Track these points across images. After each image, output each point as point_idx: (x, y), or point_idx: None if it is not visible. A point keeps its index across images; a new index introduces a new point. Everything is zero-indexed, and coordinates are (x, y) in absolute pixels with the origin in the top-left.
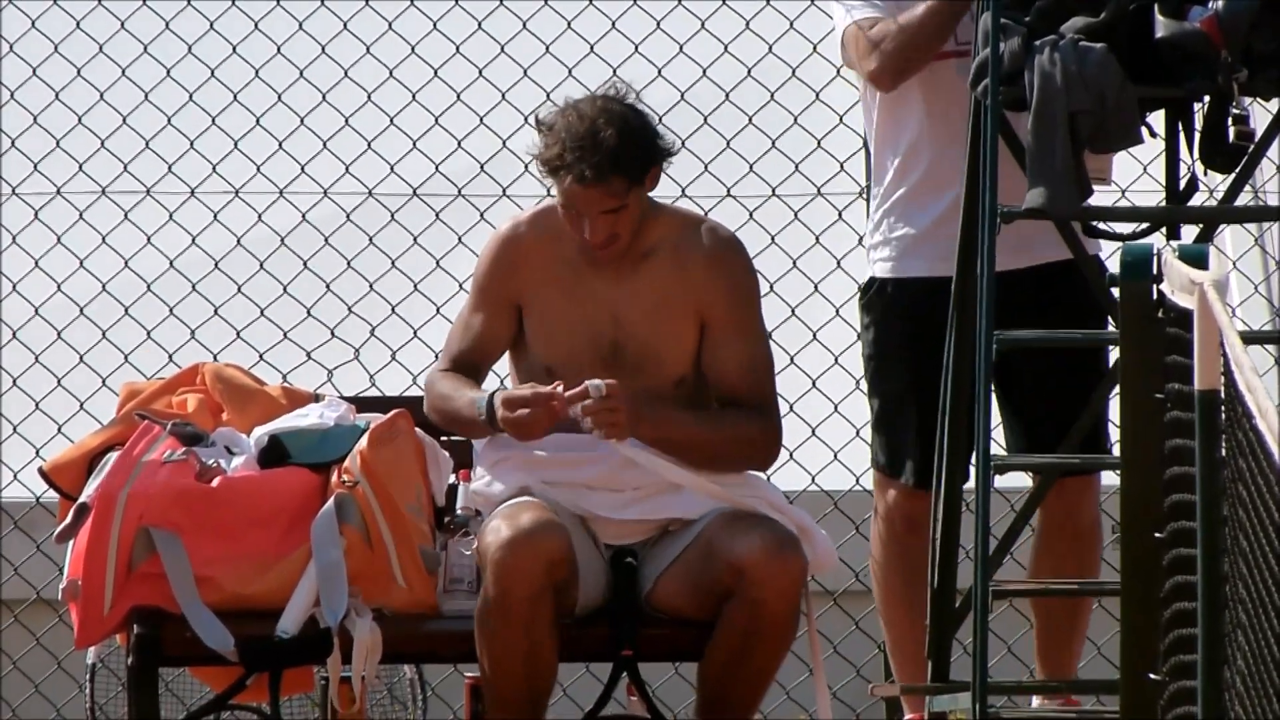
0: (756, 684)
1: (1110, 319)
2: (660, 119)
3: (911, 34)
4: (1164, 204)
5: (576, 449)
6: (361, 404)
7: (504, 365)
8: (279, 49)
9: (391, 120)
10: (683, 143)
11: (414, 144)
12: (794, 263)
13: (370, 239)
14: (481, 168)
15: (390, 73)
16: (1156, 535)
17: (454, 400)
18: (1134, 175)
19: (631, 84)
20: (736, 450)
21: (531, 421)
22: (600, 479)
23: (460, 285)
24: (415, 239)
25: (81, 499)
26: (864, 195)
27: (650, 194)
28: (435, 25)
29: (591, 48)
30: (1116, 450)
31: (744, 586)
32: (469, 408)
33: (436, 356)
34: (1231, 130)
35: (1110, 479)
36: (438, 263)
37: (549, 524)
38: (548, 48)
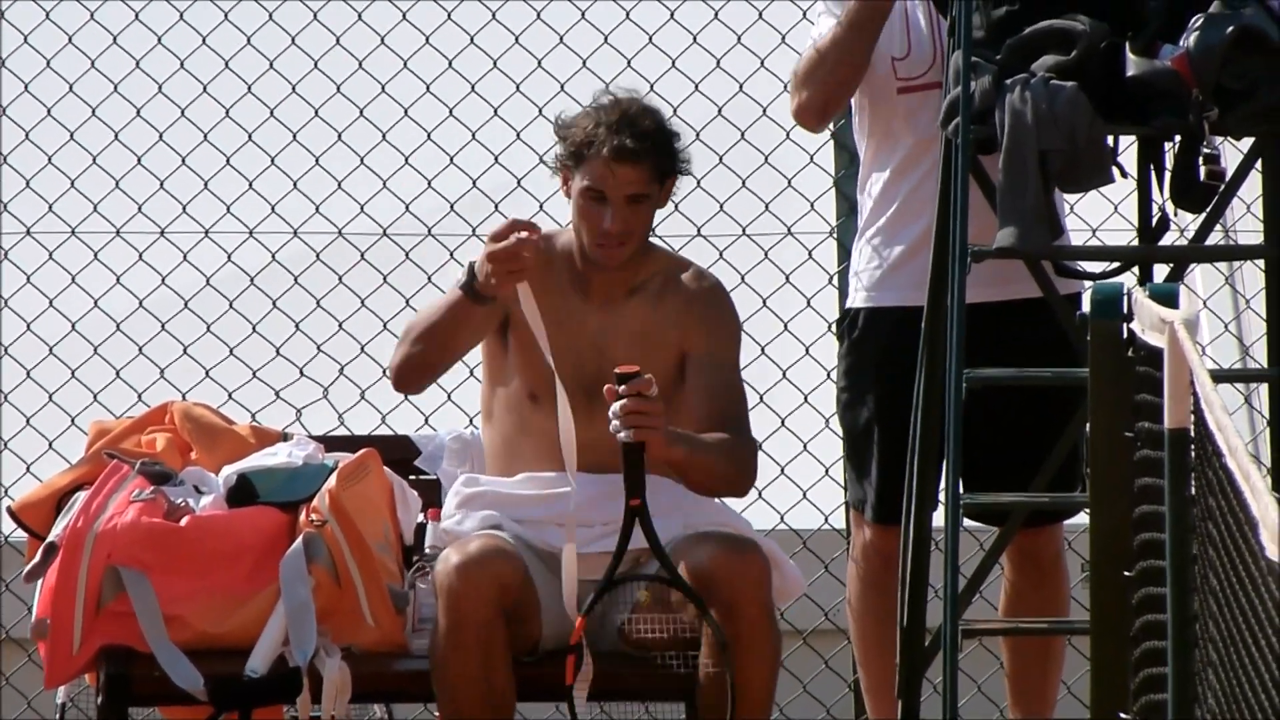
0: (755, 700)
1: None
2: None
3: (817, 65)
4: (1135, 243)
5: (546, 487)
6: (330, 443)
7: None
8: (249, 88)
9: (361, 160)
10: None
11: (384, 183)
12: (764, 302)
13: (340, 278)
14: (451, 207)
15: (360, 112)
16: (1126, 574)
17: (427, 309)
18: (1105, 214)
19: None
20: (723, 472)
21: (518, 248)
22: (570, 515)
23: None
24: (385, 278)
25: (50, 538)
26: (833, 234)
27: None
28: (405, 64)
29: (562, 86)
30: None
31: (713, 592)
32: (448, 294)
33: (405, 396)
34: (1202, 169)
35: (1080, 517)
36: (407, 302)
37: (500, 550)
38: (518, 87)
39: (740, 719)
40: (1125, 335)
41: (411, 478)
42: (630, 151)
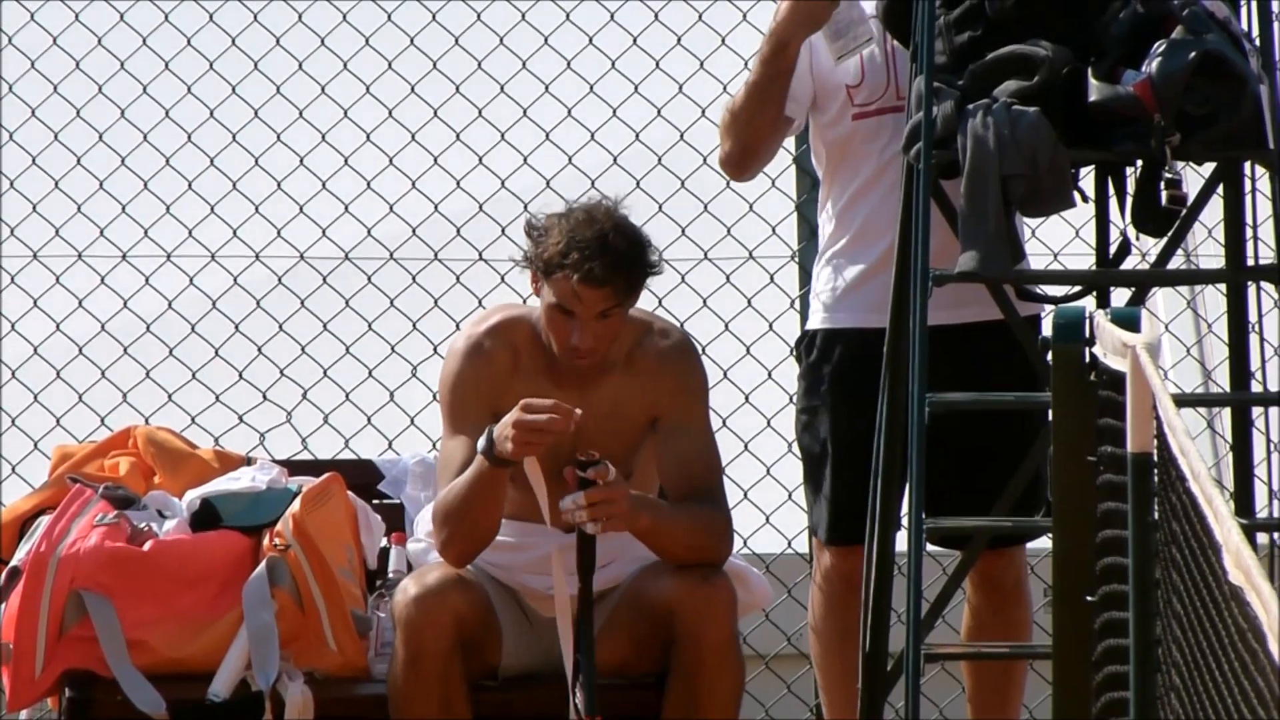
0: None
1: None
2: (593, 183)
3: (733, 120)
4: (1095, 267)
5: (516, 535)
6: (294, 467)
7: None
8: (211, 113)
9: (324, 184)
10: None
11: (345, 208)
12: (726, 326)
13: (302, 302)
14: (414, 231)
15: (323, 136)
16: (1089, 598)
17: (458, 482)
18: (1066, 239)
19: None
20: (698, 540)
21: (542, 427)
22: (539, 564)
23: (392, 348)
24: (347, 302)
25: (13, 563)
26: (795, 258)
27: None
28: (369, 89)
29: (524, 111)
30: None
31: (677, 623)
32: (474, 462)
33: (368, 420)
34: (1164, 194)
35: (1043, 541)
36: (370, 325)
37: (458, 581)
38: (480, 111)
39: None
40: (1087, 359)
41: (375, 502)
42: (601, 279)
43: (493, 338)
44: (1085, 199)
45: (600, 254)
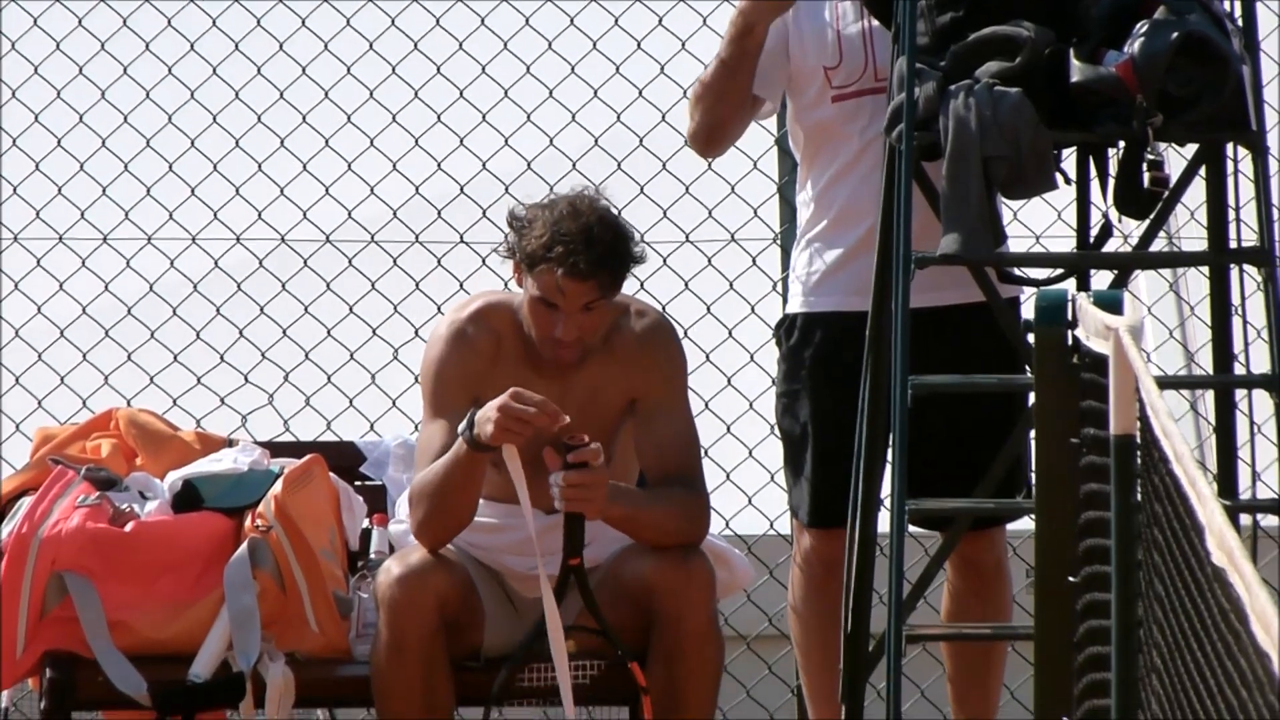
0: (698, 709)
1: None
2: (574, 165)
3: (702, 96)
4: (1076, 249)
5: (498, 517)
6: (275, 449)
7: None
8: (192, 94)
9: (304, 166)
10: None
11: (326, 190)
12: (708, 309)
13: (283, 285)
14: (394, 214)
15: (303, 118)
16: (1071, 579)
17: (436, 464)
18: (1048, 221)
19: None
20: (674, 525)
21: (527, 418)
22: (521, 545)
23: (374, 331)
24: (328, 285)
25: None
26: (777, 241)
27: None
28: (349, 70)
29: (505, 92)
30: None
31: (656, 603)
32: (454, 445)
33: (350, 402)
34: (1146, 175)
35: (1025, 523)
36: (350, 308)
37: (441, 561)
38: (461, 93)
39: None
40: (1070, 342)
41: (357, 484)
42: (586, 273)
43: (475, 324)
44: (1067, 181)
45: (585, 248)
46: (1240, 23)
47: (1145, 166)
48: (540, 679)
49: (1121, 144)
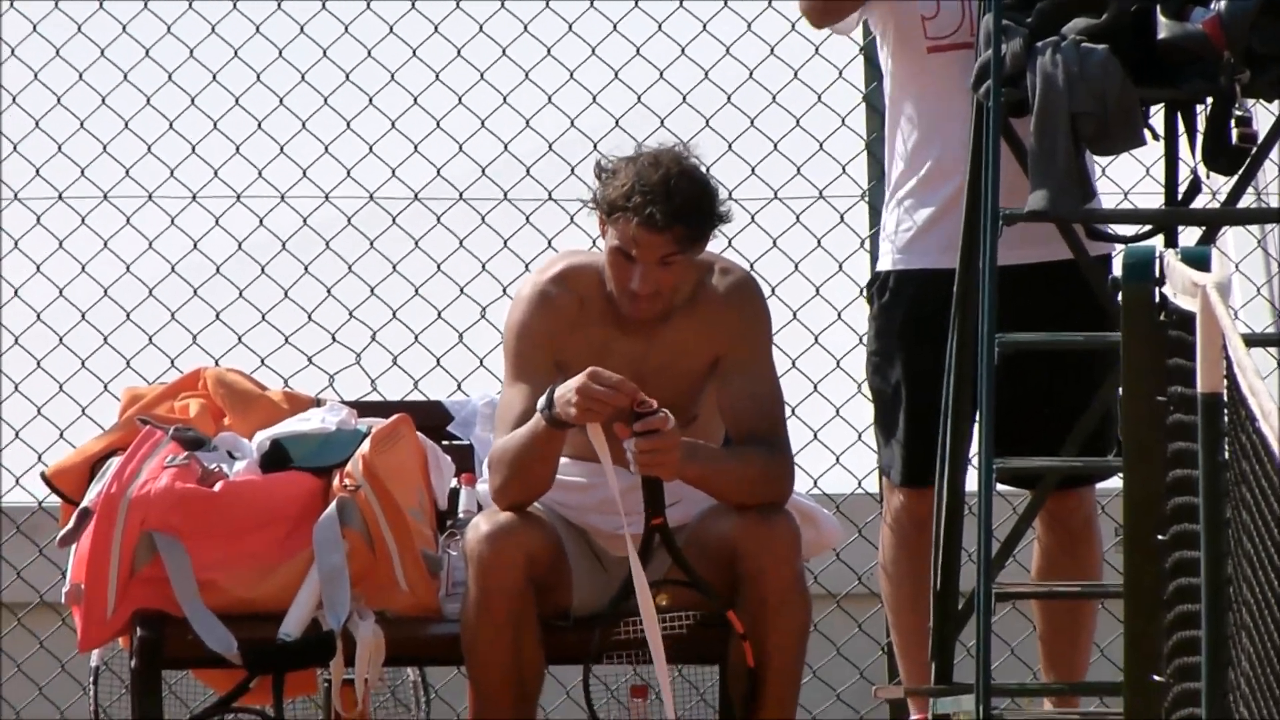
0: (784, 667)
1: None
2: (662, 121)
3: None
4: (1164, 206)
5: (585, 475)
6: (363, 408)
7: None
8: (280, 52)
9: (393, 124)
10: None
11: (415, 147)
12: (795, 266)
13: (371, 243)
14: (483, 171)
15: (392, 76)
16: (1159, 538)
17: (517, 434)
18: (1136, 177)
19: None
20: (756, 486)
21: (606, 400)
22: (607, 504)
23: (461, 289)
24: (416, 243)
25: (84, 504)
26: (865, 198)
27: None
28: (436, 28)
29: (593, 50)
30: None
31: (740, 563)
32: (533, 419)
33: (437, 361)
34: (1234, 132)
35: (1114, 481)
36: (439, 267)
37: (529, 519)
38: (549, 50)
39: (770, 685)
40: (1157, 299)
41: (445, 443)
42: (662, 224)
43: (559, 285)
44: (1155, 137)
45: (663, 199)
46: None
47: (1233, 122)
48: (635, 631)
49: (1209, 100)
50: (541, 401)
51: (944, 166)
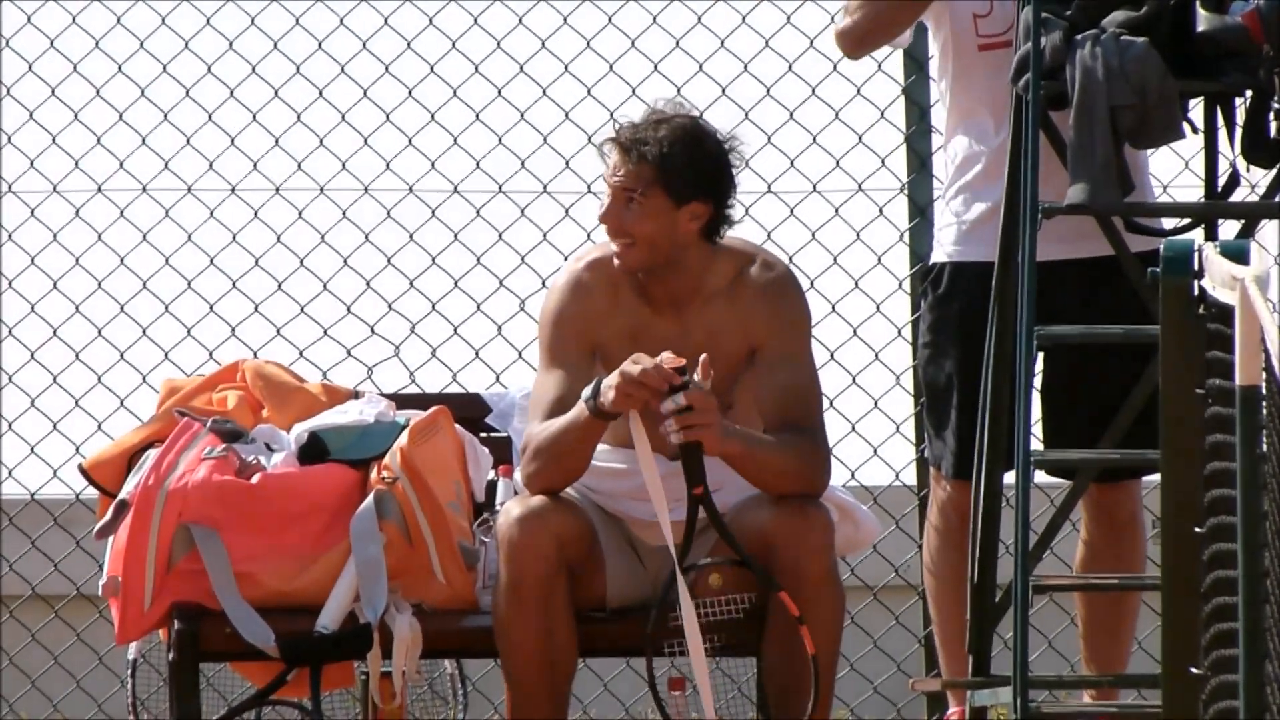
0: (820, 662)
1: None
2: (701, 115)
3: (875, 7)
4: (1204, 199)
5: (623, 462)
6: (401, 401)
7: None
8: (320, 45)
9: (432, 116)
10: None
11: (454, 140)
12: (834, 259)
13: (410, 235)
14: (522, 164)
15: (431, 68)
16: (1197, 530)
17: (557, 421)
18: (1175, 171)
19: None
20: (793, 474)
21: (646, 379)
22: (642, 491)
23: (500, 282)
24: (455, 235)
25: (121, 496)
26: (904, 191)
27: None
28: (476, 20)
29: (633, 43)
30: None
31: (775, 554)
32: (576, 405)
33: (476, 354)
34: (1273, 125)
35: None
36: (478, 259)
37: (561, 503)
38: (589, 43)
39: (802, 685)
40: (1196, 292)
41: (483, 435)
42: (624, 144)
43: (592, 271)
44: (1194, 130)
45: (640, 129)
46: None
47: (1272, 116)
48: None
49: (1248, 93)
50: (587, 391)
51: (999, 161)
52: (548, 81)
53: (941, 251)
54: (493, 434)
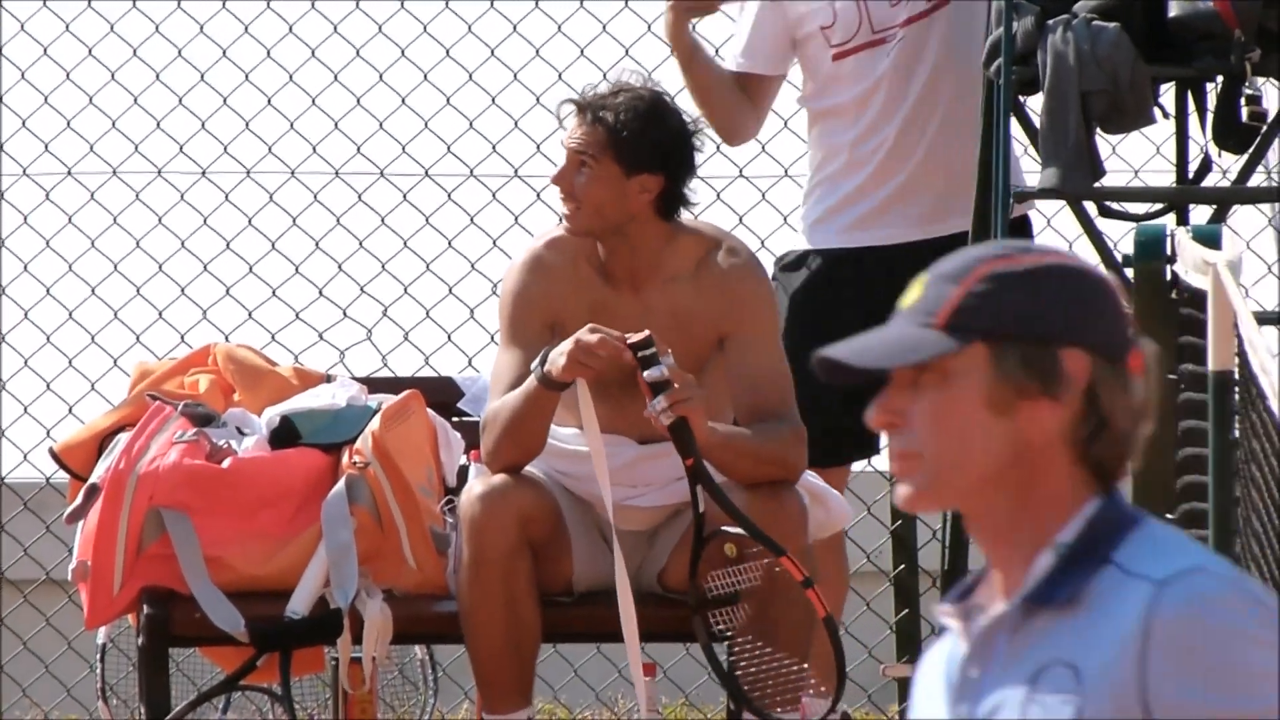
0: (791, 644)
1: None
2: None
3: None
4: (1175, 184)
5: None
6: (373, 384)
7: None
8: (290, 28)
9: (403, 100)
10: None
11: (425, 124)
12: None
13: (382, 219)
14: (494, 148)
15: (402, 52)
16: (1169, 516)
17: (510, 396)
18: (1147, 156)
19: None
20: (773, 461)
21: (598, 347)
22: (616, 474)
23: (472, 265)
24: (427, 219)
25: (91, 480)
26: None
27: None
28: (447, 4)
29: (604, 26)
30: None
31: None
32: (527, 382)
33: (448, 337)
34: (1244, 110)
35: None
36: (449, 243)
37: (525, 481)
38: (559, 27)
39: (775, 673)
40: (1168, 277)
41: (455, 419)
42: (581, 105)
43: (552, 249)
44: (1166, 115)
45: (598, 92)
46: None
47: (1243, 101)
48: (721, 586)
49: (1220, 78)
50: (535, 363)
51: (860, 152)
52: (519, 66)
53: (804, 240)
54: (465, 418)
